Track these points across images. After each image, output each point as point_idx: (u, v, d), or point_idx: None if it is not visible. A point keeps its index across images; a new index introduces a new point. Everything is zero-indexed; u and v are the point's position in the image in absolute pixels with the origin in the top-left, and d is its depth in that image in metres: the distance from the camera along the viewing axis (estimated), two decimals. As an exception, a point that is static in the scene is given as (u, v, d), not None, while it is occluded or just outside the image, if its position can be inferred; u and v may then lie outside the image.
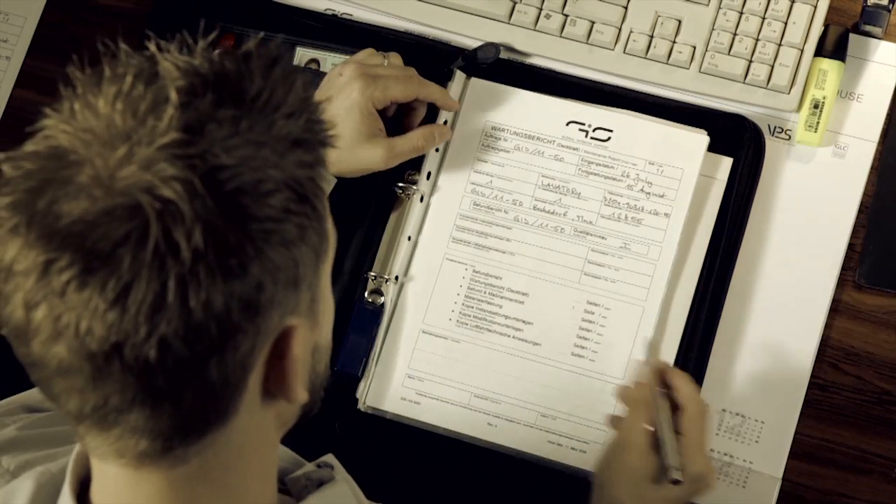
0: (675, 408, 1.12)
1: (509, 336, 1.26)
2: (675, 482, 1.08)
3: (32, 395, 1.07)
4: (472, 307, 1.27)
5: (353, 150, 1.24)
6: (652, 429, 1.11)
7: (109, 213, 0.71)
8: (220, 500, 0.82)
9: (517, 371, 1.25)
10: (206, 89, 0.74)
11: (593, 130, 1.30)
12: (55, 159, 0.73)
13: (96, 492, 0.84)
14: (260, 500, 0.84)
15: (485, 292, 1.27)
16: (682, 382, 1.13)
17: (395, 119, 1.30)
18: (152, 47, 0.76)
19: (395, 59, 1.31)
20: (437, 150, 1.31)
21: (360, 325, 1.27)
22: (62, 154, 0.73)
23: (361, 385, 1.27)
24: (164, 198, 0.70)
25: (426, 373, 1.26)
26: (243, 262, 0.72)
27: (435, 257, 1.29)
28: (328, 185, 0.82)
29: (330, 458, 0.93)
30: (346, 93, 1.25)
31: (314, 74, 1.33)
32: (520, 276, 1.27)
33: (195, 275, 0.71)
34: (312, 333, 0.83)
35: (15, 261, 0.72)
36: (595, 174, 1.29)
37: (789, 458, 1.24)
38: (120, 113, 0.73)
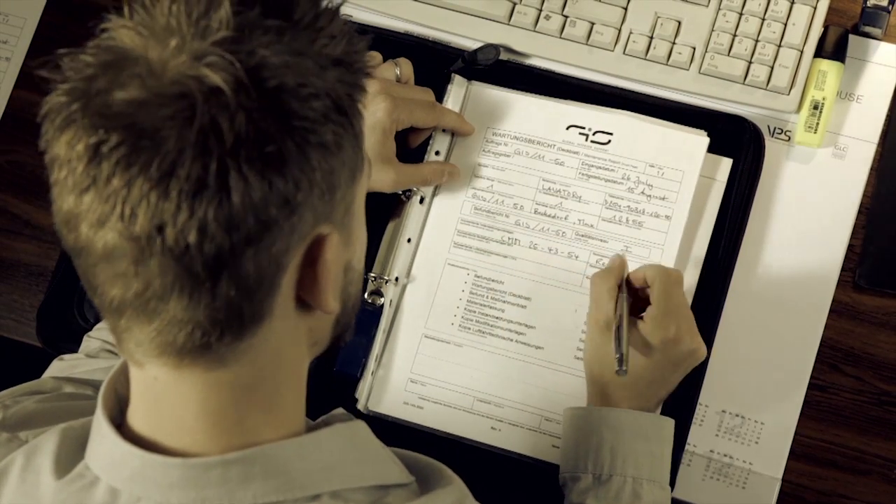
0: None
1: (512, 340, 1.27)
2: (619, 372, 1.13)
3: (44, 383, 1.08)
4: (475, 311, 1.28)
5: None
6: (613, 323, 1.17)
7: (159, 96, 0.75)
8: (257, 406, 0.85)
9: (520, 375, 1.26)
10: (255, 3, 0.79)
11: (593, 134, 1.31)
12: (112, 52, 0.78)
13: (135, 408, 0.87)
14: (292, 416, 0.88)
15: (487, 297, 1.28)
16: (646, 267, 1.19)
17: (399, 134, 1.29)
18: None
19: (406, 67, 1.31)
20: (437, 153, 1.31)
21: (359, 326, 1.28)
22: (119, 48, 0.78)
23: (361, 386, 1.27)
24: (212, 85, 0.75)
25: (429, 377, 1.27)
26: (282, 154, 0.77)
27: (436, 262, 1.29)
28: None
29: (340, 410, 0.96)
30: (369, 111, 1.23)
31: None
32: (522, 280, 1.28)
33: (236, 159, 0.75)
34: (346, 249, 0.87)
35: (68, 147, 0.77)
36: (595, 177, 1.29)
37: (789, 458, 1.25)
38: (176, 15, 0.78)
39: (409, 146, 1.31)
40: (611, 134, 1.30)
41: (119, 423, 0.88)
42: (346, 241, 0.86)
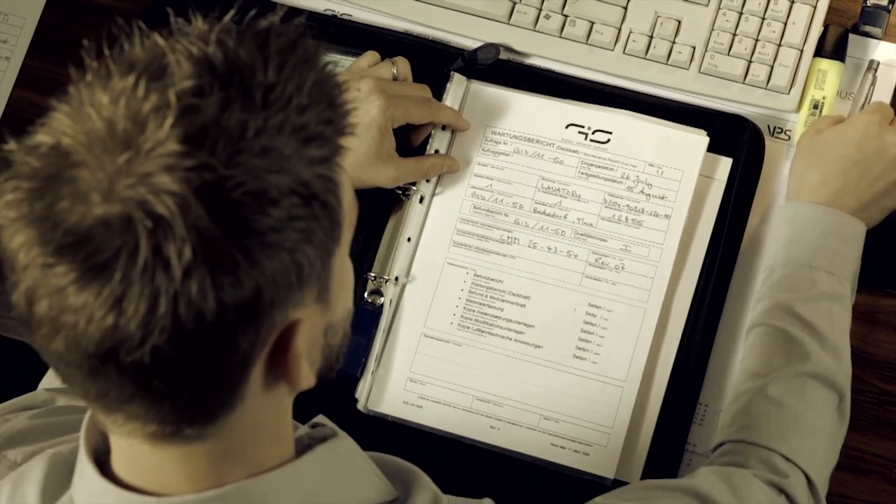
0: None
1: (511, 339, 1.26)
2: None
3: (37, 396, 1.08)
4: (474, 311, 1.28)
5: (365, 167, 1.25)
6: None
7: (104, 223, 0.71)
8: (239, 467, 0.83)
9: (519, 374, 1.26)
10: (214, 88, 0.73)
11: (592, 133, 1.30)
12: (57, 158, 0.73)
13: (116, 460, 0.85)
14: (277, 457, 0.86)
15: (486, 296, 1.28)
16: None
17: (400, 131, 1.30)
18: (160, 41, 0.75)
19: (402, 65, 1.31)
20: (436, 151, 1.31)
21: (359, 326, 1.27)
22: (65, 154, 0.73)
23: (361, 385, 1.27)
24: (156, 214, 0.71)
25: (428, 376, 1.27)
26: (237, 275, 0.73)
27: (436, 261, 1.29)
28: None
29: (321, 418, 0.94)
30: (364, 109, 1.25)
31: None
32: (521, 279, 1.28)
33: (186, 288, 0.71)
34: (323, 317, 0.83)
35: (18, 253, 0.74)
36: (595, 176, 1.29)
37: (789, 458, 1.24)
38: (122, 115, 0.72)
39: (411, 144, 1.31)
40: (610, 133, 1.30)
41: (106, 450, 0.86)
42: (323, 311, 0.82)
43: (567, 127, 1.31)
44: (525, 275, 1.28)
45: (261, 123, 0.73)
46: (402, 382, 1.27)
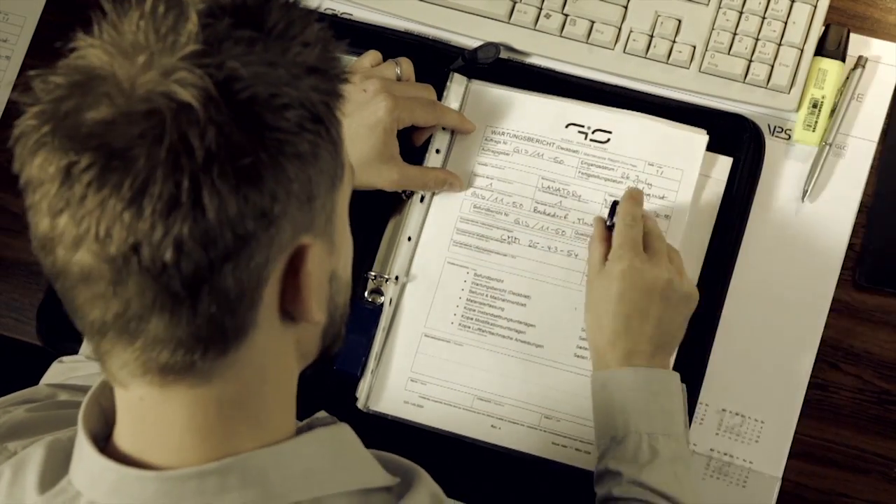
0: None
1: (511, 338, 1.27)
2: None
3: (38, 391, 1.08)
4: (474, 310, 1.28)
5: (368, 167, 1.25)
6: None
7: (128, 115, 0.74)
8: (244, 423, 0.84)
9: (520, 373, 1.26)
10: (225, 15, 0.78)
11: (592, 132, 1.31)
12: (81, 72, 0.77)
13: (121, 428, 0.86)
14: (281, 428, 0.87)
15: (486, 295, 1.28)
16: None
17: (402, 131, 1.29)
18: None
19: (406, 66, 1.31)
20: (437, 151, 1.31)
21: (359, 325, 1.28)
22: (88, 68, 0.77)
23: (361, 385, 1.27)
24: (181, 101, 0.74)
25: (429, 376, 1.27)
26: (256, 167, 0.76)
27: (436, 261, 1.29)
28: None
29: (322, 413, 0.95)
30: (370, 109, 1.25)
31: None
32: (521, 279, 1.28)
33: (208, 175, 0.74)
34: (329, 258, 0.86)
35: (41, 169, 0.76)
36: (595, 176, 1.29)
37: (789, 457, 1.25)
38: (143, 31, 0.77)
39: (414, 144, 1.31)
40: (610, 132, 1.30)
41: (106, 435, 0.87)
42: (329, 249, 0.86)
43: (567, 126, 1.31)
44: (525, 274, 1.28)
45: (269, 44, 0.78)
46: (403, 382, 1.27)
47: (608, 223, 1.22)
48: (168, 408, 0.82)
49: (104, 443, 0.87)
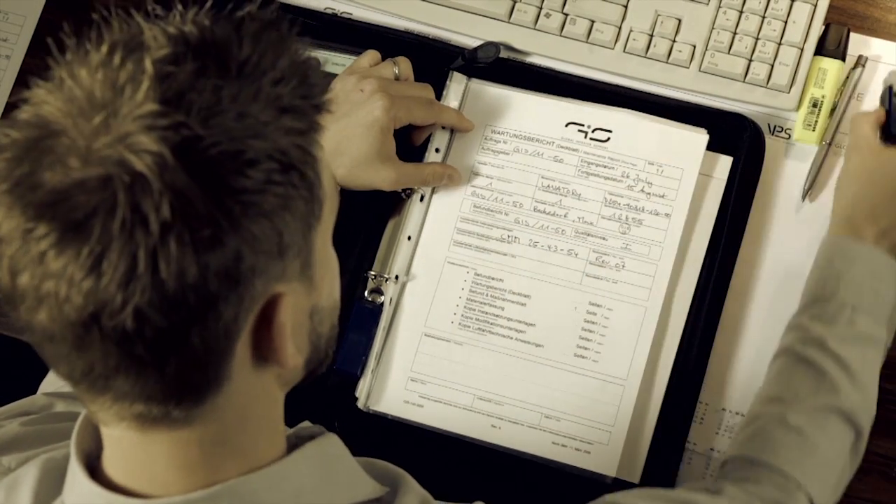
0: None
1: (512, 338, 1.26)
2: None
3: (35, 401, 1.08)
4: (474, 310, 1.28)
5: (366, 167, 1.24)
6: None
7: (82, 184, 0.72)
8: (231, 458, 0.83)
9: (520, 373, 1.26)
10: (188, 58, 0.75)
11: (592, 131, 1.30)
12: (38, 128, 0.74)
13: (108, 458, 0.85)
14: (269, 455, 0.86)
15: (486, 295, 1.28)
16: None
17: (401, 131, 1.30)
18: (138, 16, 0.77)
19: (404, 65, 1.31)
20: (437, 150, 1.31)
21: (359, 324, 1.28)
22: (44, 124, 0.74)
23: (361, 384, 1.27)
24: (134, 170, 0.72)
25: (429, 376, 1.27)
26: (217, 234, 0.73)
27: (436, 260, 1.29)
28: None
29: (306, 424, 0.94)
30: (367, 109, 1.25)
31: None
32: (521, 278, 1.28)
33: (165, 246, 0.72)
34: (308, 297, 0.83)
35: (2, 223, 0.74)
36: (595, 175, 1.29)
37: (790, 457, 1.24)
38: (100, 83, 0.74)
39: (413, 144, 1.31)
40: (610, 131, 1.30)
41: (99, 454, 0.86)
42: (307, 289, 0.83)
43: (567, 125, 1.31)
44: (525, 274, 1.28)
45: (235, 90, 0.75)
46: (403, 381, 1.27)
47: (886, 106, 1.26)
48: (150, 448, 0.82)
49: (97, 461, 0.86)
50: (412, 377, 1.27)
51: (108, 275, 0.72)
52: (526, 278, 1.28)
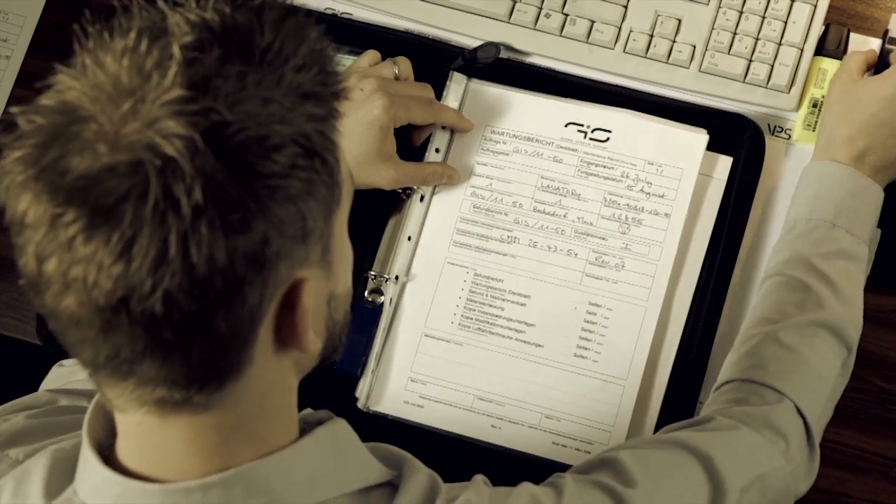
0: None
1: (512, 338, 1.27)
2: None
3: (38, 397, 1.08)
4: (474, 310, 1.28)
5: (366, 166, 1.25)
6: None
7: (112, 169, 0.73)
8: (246, 444, 0.84)
9: (520, 373, 1.26)
10: (213, 44, 0.76)
11: (592, 131, 1.31)
12: (64, 114, 0.75)
13: (122, 445, 0.85)
14: (282, 440, 0.87)
15: (486, 295, 1.28)
16: None
17: (401, 131, 1.30)
18: (161, 2, 0.78)
19: (404, 64, 1.31)
20: (437, 150, 1.31)
21: (359, 324, 1.28)
22: (71, 109, 0.74)
23: (361, 385, 1.27)
24: (165, 155, 0.72)
25: (429, 376, 1.27)
26: (246, 217, 0.74)
27: (436, 261, 1.29)
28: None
29: (308, 410, 0.95)
30: (366, 108, 1.25)
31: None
32: (521, 279, 1.28)
33: (196, 230, 0.73)
34: (327, 283, 0.85)
35: (26, 213, 0.75)
36: (594, 175, 1.29)
37: (789, 457, 1.24)
38: (126, 69, 0.75)
39: (413, 144, 1.31)
40: (609, 131, 1.30)
41: (111, 442, 0.87)
42: (326, 275, 0.84)
43: (567, 126, 1.31)
44: (525, 274, 1.28)
45: (259, 77, 0.76)
46: (403, 382, 1.27)
47: (879, 49, 1.28)
48: (168, 433, 0.82)
49: (109, 450, 0.86)
50: (412, 377, 1.27)
51: (139, 259, 0.73)
52: (526, 278, 1.28)
